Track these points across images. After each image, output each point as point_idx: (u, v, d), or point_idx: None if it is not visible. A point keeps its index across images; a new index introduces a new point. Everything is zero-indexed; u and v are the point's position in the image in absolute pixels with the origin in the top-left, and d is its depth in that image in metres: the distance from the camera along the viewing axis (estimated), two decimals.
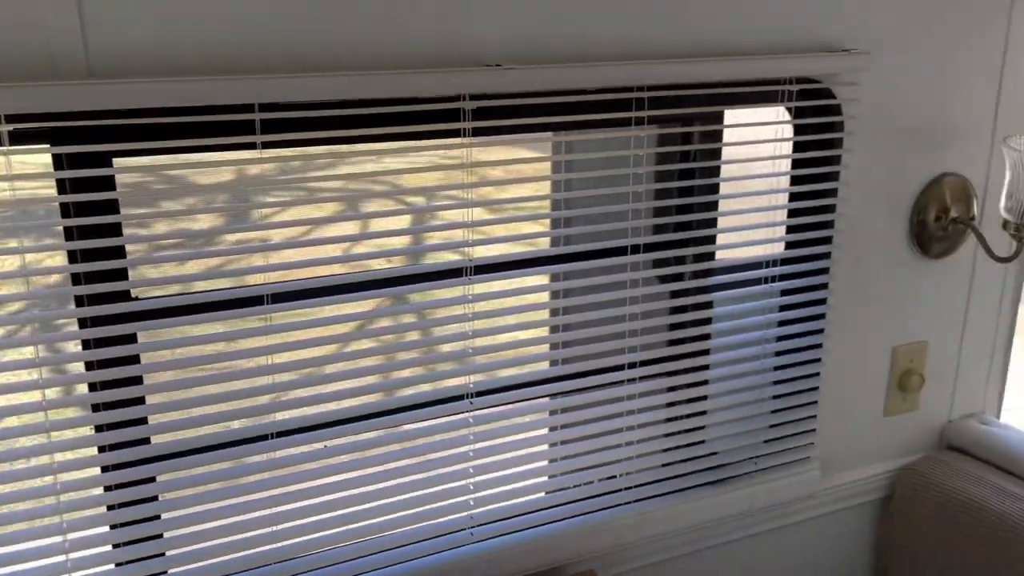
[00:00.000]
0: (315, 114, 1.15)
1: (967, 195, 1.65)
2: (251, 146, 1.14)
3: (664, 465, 1.54)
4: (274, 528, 1.27)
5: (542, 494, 1.47)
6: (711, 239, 1.49)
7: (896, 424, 1.76)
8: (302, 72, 1.12)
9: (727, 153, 1.49)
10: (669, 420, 1.53)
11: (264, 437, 1.25)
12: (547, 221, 1.43)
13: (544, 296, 1.40)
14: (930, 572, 1.69)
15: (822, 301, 1.58)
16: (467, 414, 1.35)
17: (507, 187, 1.32)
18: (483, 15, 1.21)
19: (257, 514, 1.26)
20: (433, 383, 1.33)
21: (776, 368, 1.60)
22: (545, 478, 1.47)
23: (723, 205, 1.50)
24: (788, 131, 1.49)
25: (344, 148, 1.23)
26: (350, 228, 1.32)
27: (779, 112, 1.47)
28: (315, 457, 1.29)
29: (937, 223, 1.64)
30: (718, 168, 1.47)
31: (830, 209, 1.53)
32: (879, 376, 1.71)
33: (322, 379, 1.26)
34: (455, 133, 1.24)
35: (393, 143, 1.22)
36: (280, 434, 1.26)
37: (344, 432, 1.29)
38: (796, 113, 1.47)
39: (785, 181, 1.52)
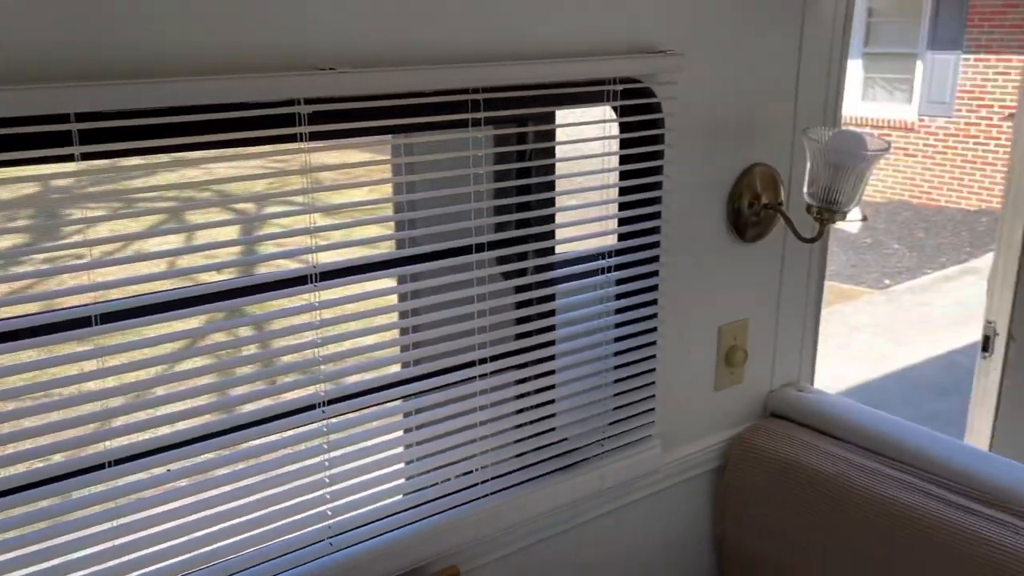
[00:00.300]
0: (140, 122, 1.09)
1: (775, 183, 1.80)
2: (69, 158, 1.07)
3: (518, 455, 1.59)
4: (119, 561, 1.20)
5: (400, 496, 1.47)
6: (550, 235, 1.54)
7: (726, 397, 1.90)
8: (126, 79, 1.06)
9: (561, 151, 1.55)
10: (520, 411, 1.57)
11: (101, 466, 1.18)
12: (392, 224, 1.44)
13: (393, 299, 1.40)
14: (759, 530, 1.83)
15: (654, 288, 1.68)
16: (321, 423, 1.33)
17: (349, 191, 1.31)
18: (317, 18, 1.19)
19: (99, 548, 1.18)
20: (283, 394, 1.30)
21: (616, 353, 1.69)
22: (403, 480, 1.48)
23: (559, 202, 1.57)
24: (615, 129, 1.57)
25: (171, 157, 1.18)
26: (183, 241, 1.26)
27: (606, 111, 1.54)
28: (158, 483, 1.23)
29: (750, 209, 1.78)
30: (553, 166, 1.53)
31: (656, 201, 1.62)
32: (708, 354, 1.84)
33: (162, 400, 1.20)
34: (292, 138, 1.22)
35: (226, 150, 1.19)
36: (118, 462, 1.19)
37: (191, 453, 1.23)
38: (621, 112, 1.55)
39: (615, 177, 1.61)
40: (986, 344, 2.53)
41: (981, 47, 9.76)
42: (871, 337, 6.71)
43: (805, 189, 1.65)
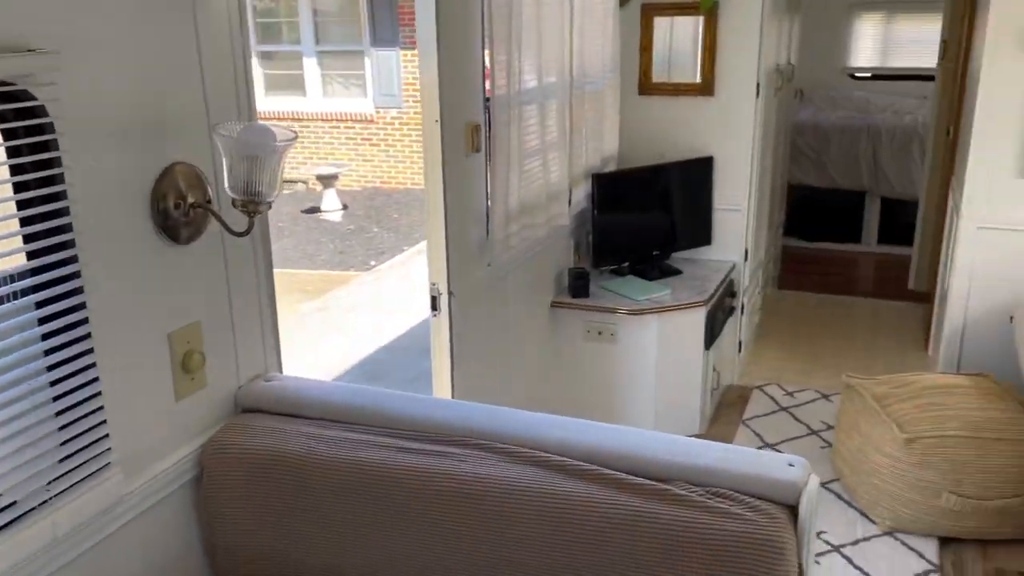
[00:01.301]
0: None
1: (200, 181, 1.78)
2: None
3: None
4: None
5: None
6: None
7: (191, 404, 1.84)
8: None
9: None
10: None
11: None
12: None
13: None
14: (244, 529, 1.83)
15: (81, 306, 1.54)
16: None
17: None
18: None
19: None
20: None
21: (52, 383, 1.52)
22: None
23: None
24: None
25: None
26: None
27: None
28: None
29: (178, 210, 1.73)
30: None
31: (63, 213, 1.49)
32: (162, 364, 1.76)
33: None
34: None
35: None
36: None
37: None
38: None
39: (8, 190, 1.43)
40: (434, 304, 2.87)
41: (414, 43, 10.98)
42: (365, 315, 7.19)
43: (226, 184, 1.66)
